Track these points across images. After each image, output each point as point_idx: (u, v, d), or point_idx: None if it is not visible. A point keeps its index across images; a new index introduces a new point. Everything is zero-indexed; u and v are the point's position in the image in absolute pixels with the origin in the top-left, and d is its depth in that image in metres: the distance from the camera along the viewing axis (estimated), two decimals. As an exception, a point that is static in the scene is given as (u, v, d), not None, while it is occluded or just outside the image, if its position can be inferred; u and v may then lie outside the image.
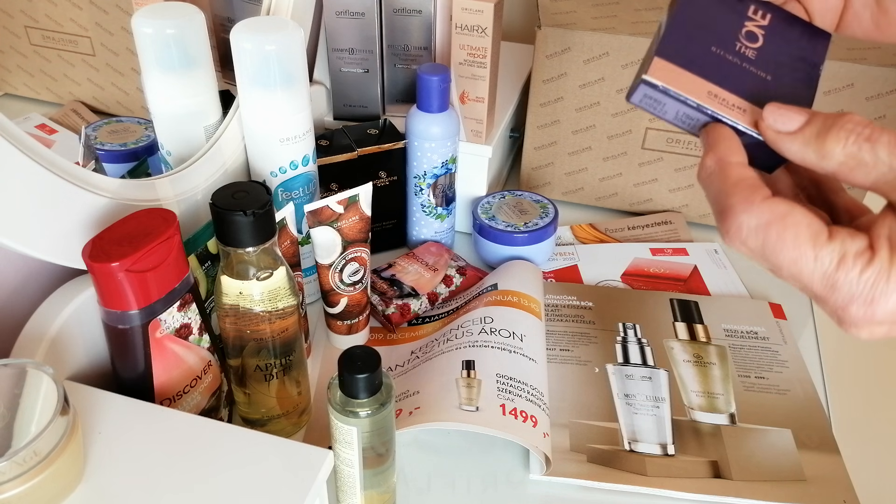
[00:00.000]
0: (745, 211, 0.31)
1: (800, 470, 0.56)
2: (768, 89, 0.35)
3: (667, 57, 0.34)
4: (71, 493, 0.39)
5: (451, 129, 0.70)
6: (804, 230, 0.30)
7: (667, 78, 0.34)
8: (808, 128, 0.31)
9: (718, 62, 0.35)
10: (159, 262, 0.44)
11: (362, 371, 0.43)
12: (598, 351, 0.66)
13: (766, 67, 0.35)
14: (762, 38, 0.36)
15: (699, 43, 0.35)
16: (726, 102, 0.34)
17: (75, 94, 0.60)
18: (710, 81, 0.34)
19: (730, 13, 0.36)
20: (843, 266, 0.29)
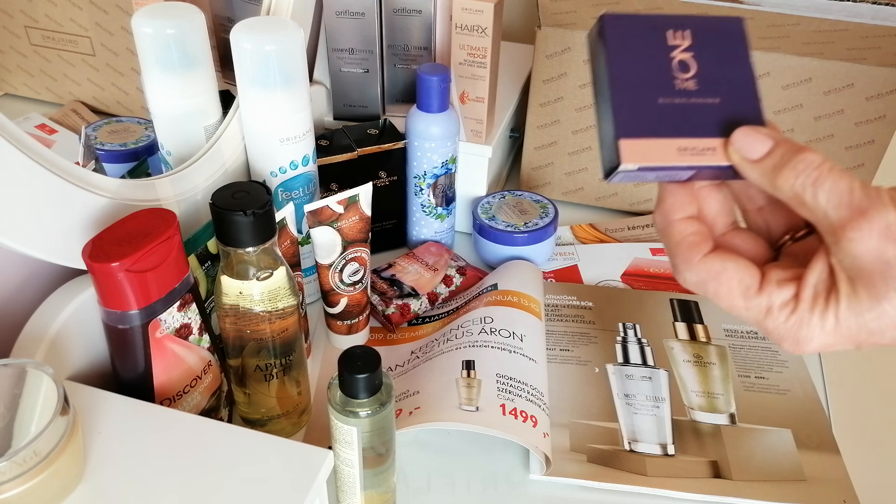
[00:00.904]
0: (686, 270, 0.35)
1: (800, 470, 0.56)
2: (723, 114, 0.36)
3: (629, 135, 0.35)
4: (71, 493, 0.39)
5: (451, 129, 0.70)
6: (735, 286, 0.34)
7: (638, 156, 0.35)
8: (768, 160, 0.33)
9: (671, 112, 0.35)
10: (159, 262, 0.44)
11: (362, 371, 0.43)
12: (598, 351, 0.66)
13: (710, 92, 0.36)
14: (693, 62, 0.36)
15: (646, 103, 0.35)
16: (696, 149, 0.35)
17: (75, 94, 0.60)
18: (675, 137, 0.35)
19: (654, 51, 0.36)
20: (769, 316, 0.33)
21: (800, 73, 0.71)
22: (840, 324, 0.32)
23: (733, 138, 0.34)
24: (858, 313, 0.31)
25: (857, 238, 0.30)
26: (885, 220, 0.30)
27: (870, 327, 0.31)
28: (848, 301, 0.31)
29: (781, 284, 0.33)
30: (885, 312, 0.30)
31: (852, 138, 0.73)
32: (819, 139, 0.74)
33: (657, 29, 0.36)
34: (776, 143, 0.33)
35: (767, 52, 0.71)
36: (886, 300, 0.30)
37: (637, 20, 0.36)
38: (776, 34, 0.75)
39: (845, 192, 0.31)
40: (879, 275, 0.30)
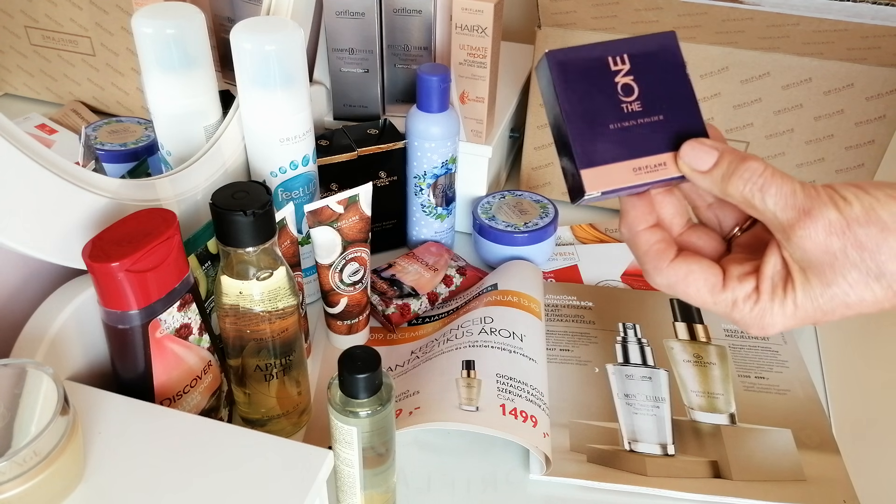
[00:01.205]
0: (657, 275, 0.40)
1: (800, 470, 0.56)
2: (668, 129, 0.39)
3: (588, 165, 0.38)
4: (71, 493, 0.39)
5: (451, 129, 0.70)
6: (702, 285, 0.39)
7: (599, 183, 0.38)
8: (716, 170, 0.37)
9: (623, 136, 0.38)
10: (159, 262, 0.44)
11: (362, 371, 0.43)
12: (598, 351, 0.66)
13: (654, 110, 0.39)
14: (635, 85, 0.39)
15: (599, 131, 0.38)
16: (649, 166, 0.38)
17: (75, 94, 0.60)
18: (630, 159, 0.38)
19: (599, 80, 0.39)
20: (735, 308, 0.38)
21: (800, 73, 0.71)
22: (798, 308, 0.36)
23: (682, 153, 0.38)
24: (813, 298, 0.36)
25: (805, 235, 0.35)
26: (826, 217, 0.34)
27: (824, 308, 0.36)
28: (803, 288, 0.36)
29: (742, 279, 0.38)
30: (835, 296, 0.35)
31: (852, 138, 0.73)
32: (819, 139, 0.74)
33: (598, 58, 0.39)
34: (721, 153, 0.37)
35: (767, 52, 0.71)
36: (835, 285, 0.35)
37: (578, 52, 0.39)
38: (776, 34, 0.75)
39: (789, 194, 0.35)
40: (828, 265, 0.35)
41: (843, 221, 0.34)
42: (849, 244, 0.34)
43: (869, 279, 0.34)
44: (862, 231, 0.34)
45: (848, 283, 0.35)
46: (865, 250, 0.34)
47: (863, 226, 0.34)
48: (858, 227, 0.34)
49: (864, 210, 0.34)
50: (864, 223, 0.34)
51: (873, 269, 0.34)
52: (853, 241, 0.34)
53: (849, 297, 0.35)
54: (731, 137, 0.76)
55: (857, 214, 0.34)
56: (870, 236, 0.34)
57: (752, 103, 0.74)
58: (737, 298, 0.38)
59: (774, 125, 0.74)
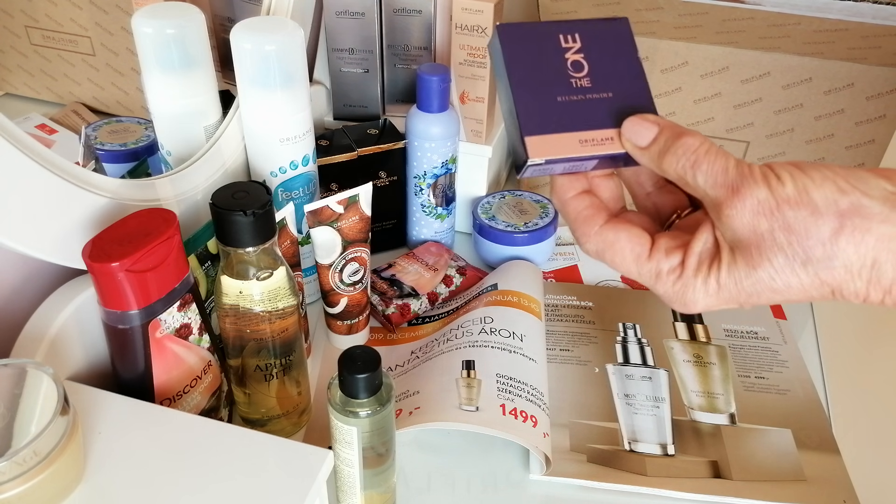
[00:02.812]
0: (585, 241, 0.39)
1: (800, 470, 0.56)
2: (616, 106, 0.39)
3: (533, 132, 0.38)
4: (71, 493, 0.39)
5: (451, 129, 0.70)
6: (628, 254, 0.38)
7: (543, 150, 0.38)
8: (654, 146, 0.37)
9: (570, 109, 0.39)
10: (159, 262, 0.44)
11: (362, 371, 0.43)
12: (598, 351, 0.66)
13: (604, 87, 0.39)
14: (585, 62, 0.39)
15: (546, 102, 0.38)
16: (595, 140, 0.38)
17: (75, 94, 0.60)
18: (576, 131, 0.38)
19: (549, 54, 0.39)
20: (658, 279, 0.37)
21: (800, 72, 0.71)
22: (721, 288, 0.35)
23: (623, 128, 0.38)
24: (737, 280, 0.34)
25: (732, 215, 0.33)
26: (755, 196, 0.33)
27: (748, 291, 0.34)
28: (728, 268, 0.35)
29: (669, 252, 0.37)
30: (760, 279, 0.34)
31: (852, 138, 0.73)
32: (819, 139, 0.74)
33: (549, 35, 0.39)
34: (661, 129, 0.37)
35: (768, 51, 0.71)
36: (761, 268, 0.33)
37: (530, 28, 0.39)
38: (777, 34, 0.75)
39: (720, 172, 0.34)
40: (755, 246, 0.33)
41: (773, 201, 0.33)
42: (776, 226, 0.33)
43: (795, 265, 0.33)
44: (791, 213, 0.32)
45: (773, 268, 0.33)
46: (793, 233, 0.32)
47: (793, 207, 0.32)
48: (788, 209, 0.32)
49: (796, 191, 0.32)
50: (794, 205, 0.32)
51: (800, 255, 0.33)
52: (781, 223, 0.32)
53: (774, 282, 0.34)
54: (732, 137, 0.76)
55: (789, 195, 0.32)
56: (799, 219, 0.32)
57: (752, 103, 0.74)
58: (661, 270, 0.37)
59: (775, 125, 0.74)
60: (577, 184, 0.40)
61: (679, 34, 0.74)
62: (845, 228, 0.32)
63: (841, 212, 0.32)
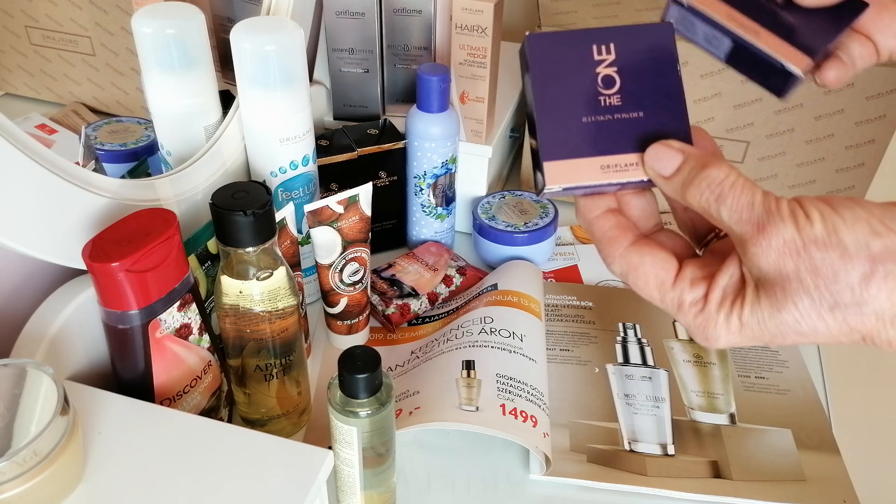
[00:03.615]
0: (611, 263, 0.37)
1: (800, 470, 0.56)
2: (645, 127, 0.36)
3: (553, 157, 0.36)
4: (71, 493, 0.39)
5: (451, 129, 0.70)
6: (651, 280, 0.36)
7: (562, 178, 0.36)
8: (677, 176, 0.35)
9: (595, 130, 0.36)
10: (159, 262, 0.44)
11: (362, 371, 0.43)
12: (598, 351, 0.66)
13: (634, 106, 0.36)
14: (618, 77, 0.36)
15: (570, 122, 0.36)
16: (619, 165, 0.36)
17: (75, 94, 0.60)
18: (599, 155, 0.36)
19: (579, 69, 0.36)
20: (681, 310, 0.35)
21: (800, 72, 0.71)
22: (744, 326, 0.33)
23: (646, 155, 0.36)
24: (760, 320, 0.33)
25: (757, 253, 0.32)
26: (781, 236, 0.31)
27: (772, 332, 0.33)
28: (751, 307, 0.33)
29: (694, 283, 0.35)
30: (784, 322, 0.32)
31: (852, 138, 0.73)
32: (819, 138, 0.74)
33: (582, 45, 0.36)
34: (685, 158, 0.35)
35: (767, 51, 0.71)
36: (785, 310, 0.32)
37: (561, 38, 0.36)
38: (776, 34, 0.75)
39: (745, 207, 0.32)
40: (779, 287, 0.32)
41: (800, 241, 0.31)
42: (803, 268, 0.31)
43: (822, 309, 0.31)
44: (819, 255, 0.30)
45: (799, 311, 0.31)
46: (820, 276, 0.30)
47: (821, 249, 0.30)
48: (816, 250, 0.30)
49: (825, 231, 0.30)
50: (822, 246, 0.30)
51: (827, 299, 0.31)
52: (808, 265, 0.30)
53: (800, 325, 0.32)
54: (732, 137, 0.76)
55: (817, 235, 0.30)
56: (827, 262, 0.30)
57: (752, 103, 0.74)
58: (684, 301, 0.35)
59: (775, 125, 0.74)
60: (601, 202, 0.38)
61: (679, 34, 0.74)
62: (877, 274, 0.30)
63: (873, 256, 0.30)
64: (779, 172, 0.77)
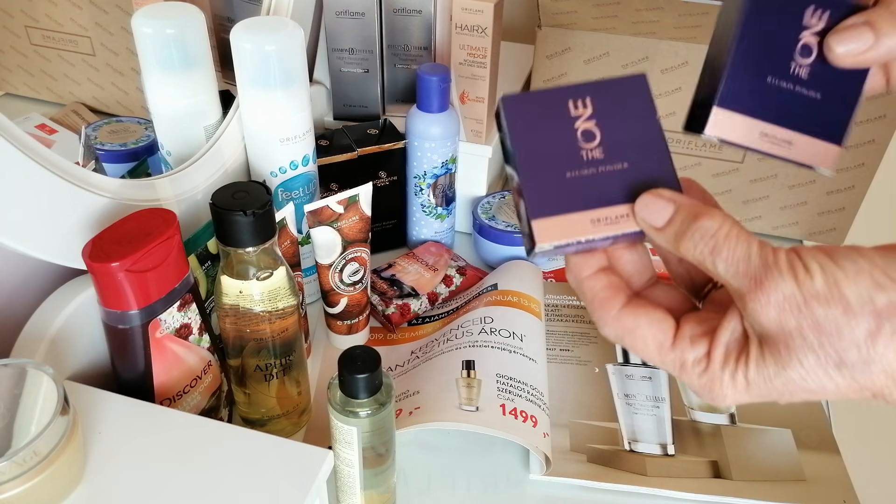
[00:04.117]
0: (603, 326, 0.35)
1: (800, 470, 0.56)
2: (632, 178, 0.35)
3: (541, 214, 0.35)
4: (71, 493, 0.39)
5: (451, 129, 0.70)
6: (650, 342, 0.34)
7: (552, 235, 0.35)
8: (669, 227, 0.33)
9: (581, 185, 0.35)
10: (159, 262, 0.44)
11: (362, 371, 0.43)
12: (598, 351, 0.66)
13: (618, 157, 0.35)
14: (597, 130, 0.36)
15: (554, 178, 0.35)
16: (609, 218, 0.35)
17: (75, 94, 0.60)
18: (587, 209, 0.35)
19: (556, 125, 0.35)
20: (683, 371, 0.33)
21: (800, 73, 0.71)
22: (751, 385, 0.32)
23: (637, 206, 0.34)
24: (767, 378, 0.31)
25: (756, 309, 0.30)
26: (781, 291, 0.30)
27: (780, 390, 0.31)
28: (756, 365, 0.31)
29: (694, 341, 0.33)
30: (791, 380, 0.31)
31: (852, 138, 0.73)
32: (819, 139, 0.74)
33: (557, 103, 0.36)
34: (677, 208, 0.33)
35: (767, 52, 0.71)
36: (791, 368, 0.30)
37: (535, 97, 0.36)
38: (776, 34, 0.75)
39: (742, 260, 0.31)
40: (783, 344, 0.30)
41: (801, 297, 0.29)
42: (805, 324, 0.29)
43: (828, 367, 0.30)
44: (822, 311, 0.29)
45: (804, 369, 0.30)
46: (824, 334, 0.29)
47: (822, 305, 0.29)
48: (818, 306, 0.29)
49: (826, 285, 0.29)
50: (824, 302, 0.29)
51: (833, 357, 0.29)
52: (810, 322, 0.29)
53: (807, 382, 0.30)
54: (732, 137, 0.76)
55: (818, 290, 0.29)
56: (830, 318, 0.29)
57: (752, 103, 0.74)
58: (686, 360, 0.33)
59: (774, 125, 0.74)
60: (592, 261, 0.37)
61: (679, 34, 0.74)
62: (883, 330, 0.28)
63: (878, 311, 0.28)
64: (778, 172, 0.77)
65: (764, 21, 0.35)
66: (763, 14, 0.35)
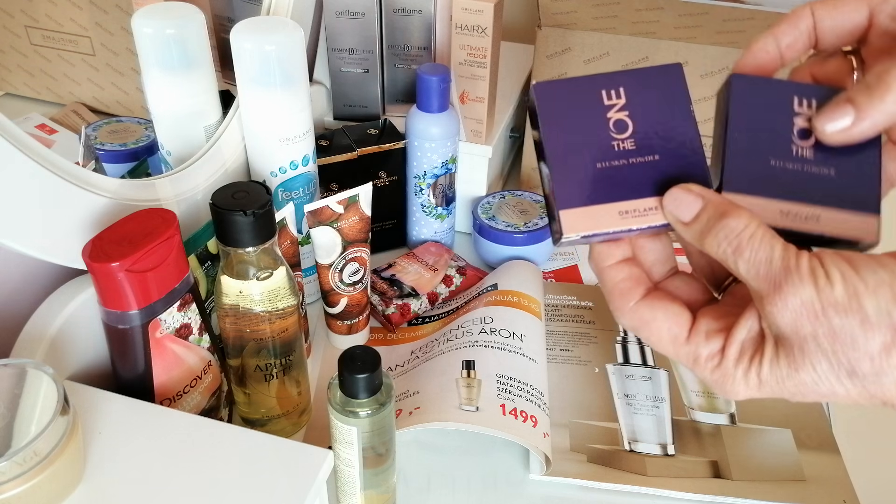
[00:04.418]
0: (620, 316, 0.36)
1: (800, 470, 0.56)
2: (662, 170, 0.35)
3: (569, 206, 0.35)
4: (71, 493, 0.39)
5: (451, 129, 0.70)
6: (665, 335, 0.35)
7: (579, 226, 0.35)
8: (696, 223, 0.34)
9: (610, 176, 0.35)
10: (159, 262, 0.44)
11: (362, 371, 0.43)
12: (598, 351, 0.66)
13: (650, 150, 0.35)
14: (630, 121, 0.36)
15: (585, 168, 0.35)
16: (637, 211, 0.35)
17: (75, 94, 0.60)
18: (616, 201, 0.35)
19: (589, 115, 0.35)
20: (696, 365, 0.34)
21: (800, 73, 0.71)
22: (763, 384, 0.33)
23: (665, 199, 0.35)
24: (779, 378, 0.32)
25: (773, 312, 0.31)
26: (799, 297, 0.30)
27: (791, 391, 0.32)
28: (770, 365, 0.32)
29: (710, 336, 0.34)
30: (803, 382, 0.31)
31: (852, 138, 0.73)
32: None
33: (590, 91, 0.35)
34: (705, 204, 0.33)
35: (767, 52, 0.71)
36: (804, 371, 0.31)
37: (568, 85, 0.35)
38: (776, 34, 0.75)
39: (763, 263, 0.31)
40: (797, 347, 0.31)
41: (819, 304, 0.29)
42: (821, 331, 0.30)
43: (840, 374, 0.30)
44: (838, 320, 0.29)
45: (817, 374, 0.31)
46: (838, 342, 0.29)
47: (840, 314, 0.29)
48: (835, 315, 0.29)
49: (846, 295, 0.29)
50: (842, 311, 0.29)
51: (845, 365, 0.30)
52: (826, 330, 0.29)
53: (818, 386, 0.31)
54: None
55: (838, 299, 0.29)
56: (846, 328, 0.29)
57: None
58: (700, 355, 0.34)
59: (774, 125, 0.74)
60: (617, 251, 0.37)
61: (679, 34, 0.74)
62: None
63: (895, 325, 0.29)
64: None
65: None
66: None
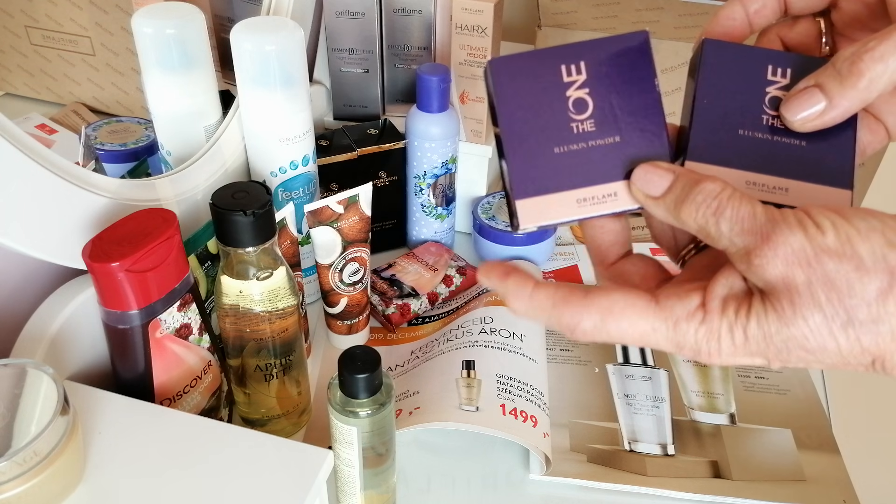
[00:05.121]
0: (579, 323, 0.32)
1: (800, 470, 0.56)
2: (623, 152, 0.34)
3: (524, 195, 0.33)
4: (71, 493, 0.39)
5: (451, 129, 0.70)
6: (632, 311, 0.32)
7: (535, 216, 0.33)
8: (669, 195, 0.32)
9: (568, 162, 0.33)
10: (159, 262, 0.44)
11: (362, 371, 0.43)
12: (598, 351, 0.66)
13: (609, 130, 0.33)
14: (590, 98, 0.33)
15: (541, 154, 0.33)
16: (596, 197, 0.34)
17: (75, 94, 0.60)
18: (574, 188, 0.33)
19: (547, 94, 0.33)
20: (677, 328, 0.31)
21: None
22: (749, 340, 0.31)
23: (634, 176, 0.33)
24: (767, 335, 0.30)
25: (762, 264, 0.29)
26: (790, 245, 0.29)
27: (777, 347, 0.30)
28: (757, 321, 0.30)
29: (682, 297, 0.32)
30: (791, 337, 0.30)
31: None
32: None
33: (549, 67, 0.33)
34: (676, 176, 0.32)
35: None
36: (794, 325, 0.29)
37: (526, 60, 0.33)
38: (776, 34, 0.75)
39: (747, 217, 0.30)
40: (787, 300, 0.29)
41: (811, 251, 0.28)
42: (815, 279, 0.28)
43: (834, 326, 0.29)
44: (833, 266, 0.28)
45: (808, 327, 0.29)
46: (834, 290, 0.28)
47: (834, 260, 0.28)
48: (829, 261, 0.28)
49: (838, 241, 0.28)
50: (836, 257, 0.28)
51: (840, 315, 0.29)
52: (821, 277, 0.28)
53: (808, 341, 0.29)
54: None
55: (830, 245, 0.28)
56: (841, 274, 0.28)
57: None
58: (678, 317, 0.31)
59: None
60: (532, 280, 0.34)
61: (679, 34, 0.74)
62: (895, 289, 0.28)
63: (891, 269, 0.28)
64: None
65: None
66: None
